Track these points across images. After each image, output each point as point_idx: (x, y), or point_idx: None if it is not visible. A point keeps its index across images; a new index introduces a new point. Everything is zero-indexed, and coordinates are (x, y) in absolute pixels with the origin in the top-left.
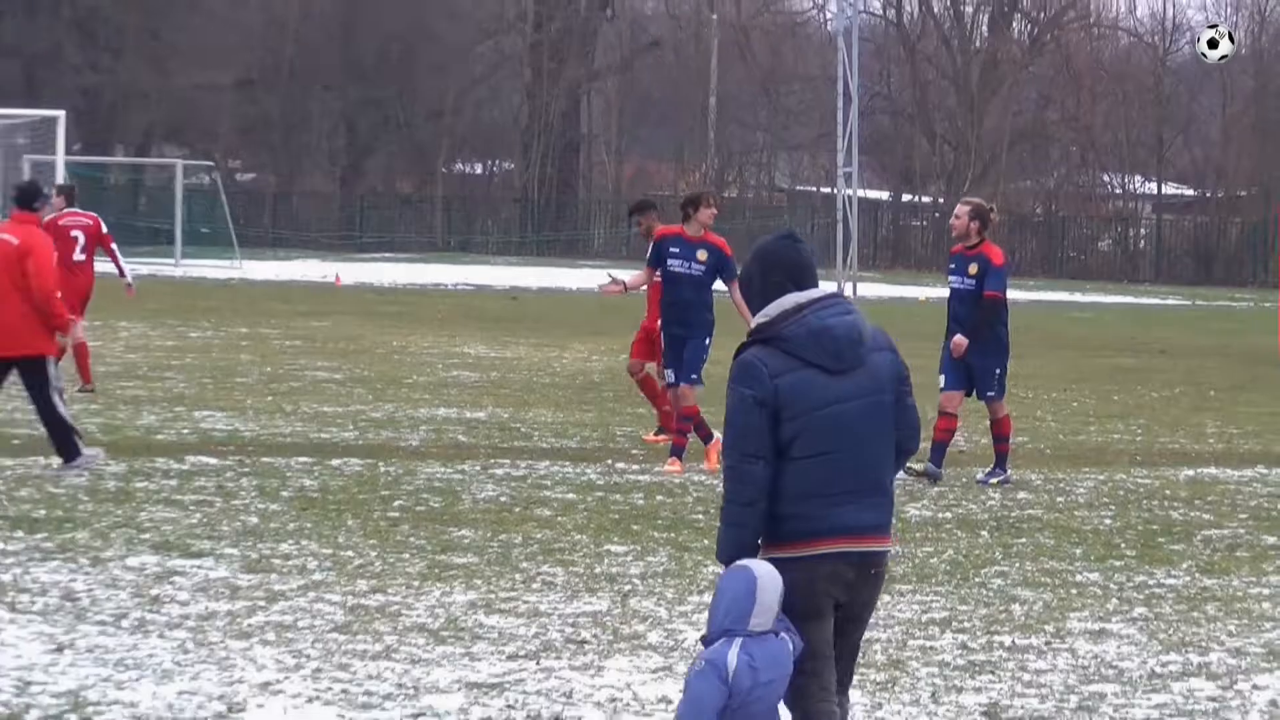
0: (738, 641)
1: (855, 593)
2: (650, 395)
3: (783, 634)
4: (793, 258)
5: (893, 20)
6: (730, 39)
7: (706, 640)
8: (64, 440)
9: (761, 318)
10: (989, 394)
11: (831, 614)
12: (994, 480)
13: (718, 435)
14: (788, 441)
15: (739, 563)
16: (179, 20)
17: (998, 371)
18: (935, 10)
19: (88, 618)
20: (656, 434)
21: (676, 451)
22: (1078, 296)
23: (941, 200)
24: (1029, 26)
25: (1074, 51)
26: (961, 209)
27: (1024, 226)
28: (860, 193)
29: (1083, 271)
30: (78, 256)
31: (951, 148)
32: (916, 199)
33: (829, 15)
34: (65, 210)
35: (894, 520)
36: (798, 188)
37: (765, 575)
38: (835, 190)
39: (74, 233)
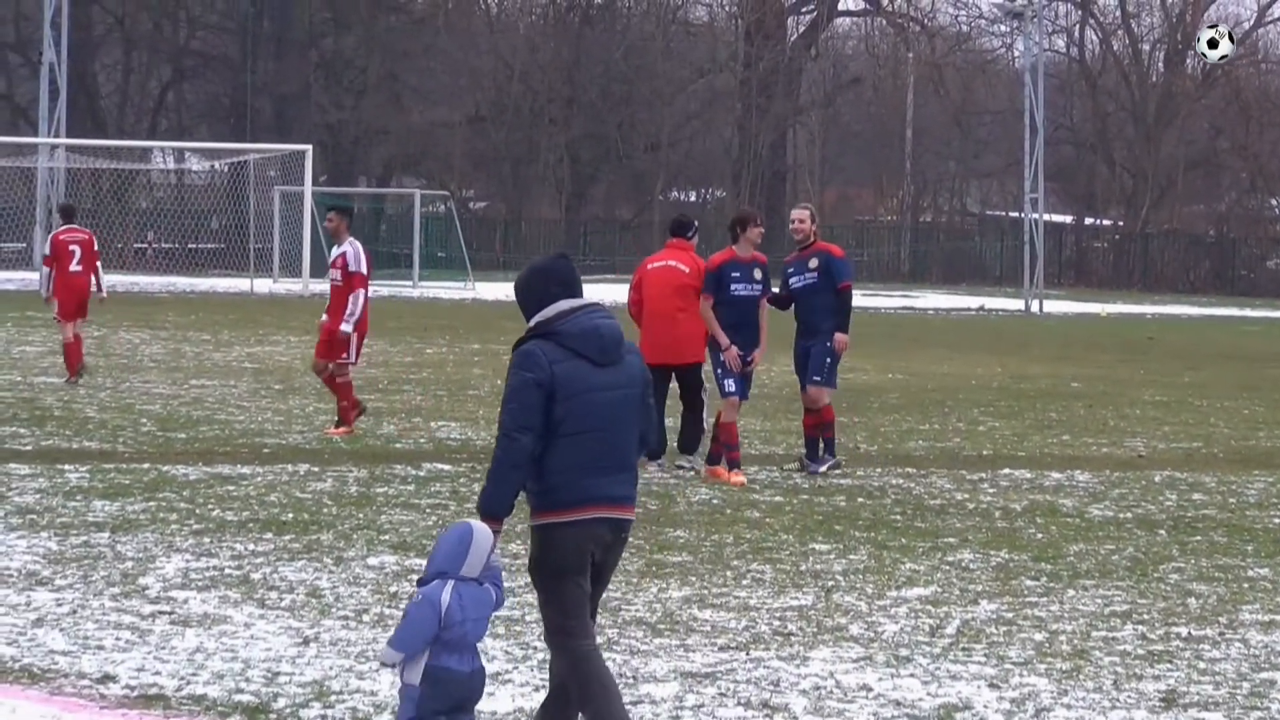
0: (451, 583)
1: (609, 552)
2: (332, 388)
3: (488, 584)
4: (566, 272)
5: (1075, 57)
6: (925, 75)
7: (422, 581)
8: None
9: (540, 317)
10: (815, 379)
11: (589, 569)
12: (824, 468)
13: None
14: (559, 420)
15: (462, 520)
16: (416, 62)
17: (828, 360)
18: (1115, 48)
19: (332, 613)
20: (335, 426)
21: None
22: (1248, 312)
23: (1121, 223)
24: (1201, 62)
25: (1243, 85)
26: (803, 213)
27: (1198, 246)
28: (1045, 216)
29: (1253, 288)
30: (74, 268)
31: (1130, 174)
32: (1097, 222)
33: (1017, 53)
34: (65, 227)
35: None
36: (987, 212)
37: (480, 532)
38: (1022, 214)
39: (71, 247)
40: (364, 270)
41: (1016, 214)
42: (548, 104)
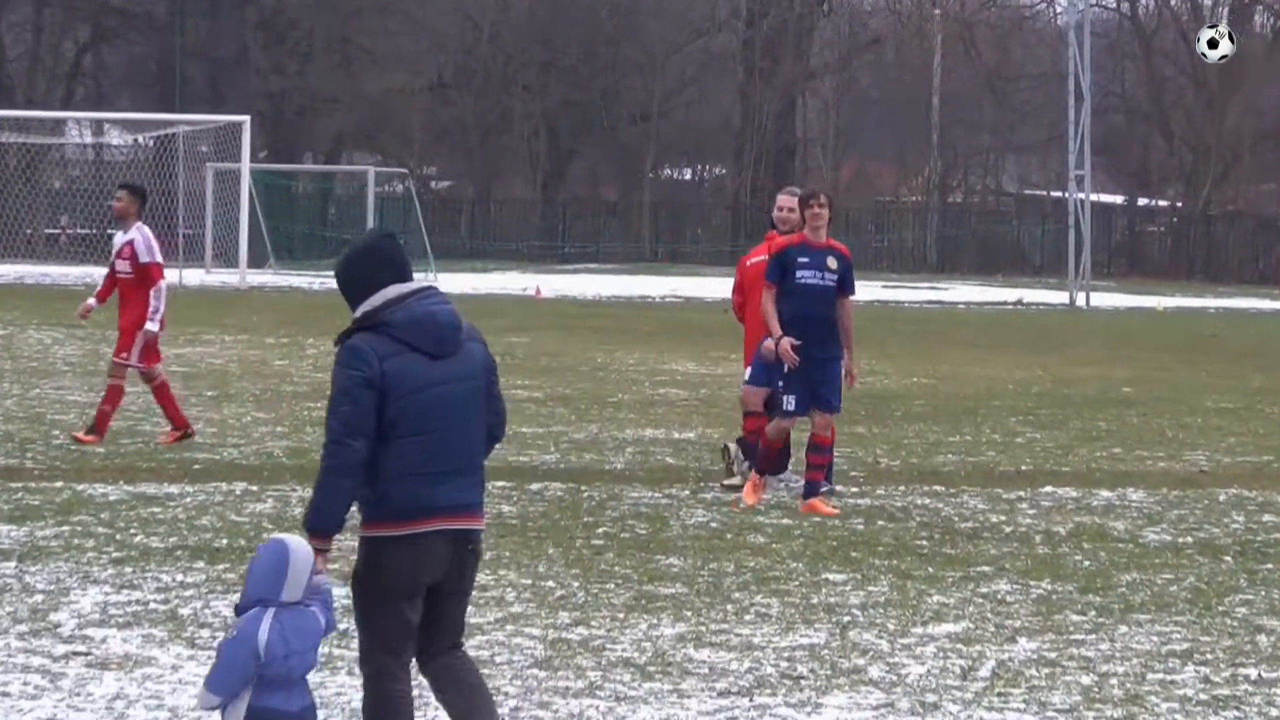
0: (270, 611)
1: (453, 568)
2: (162, 401)
3: (314, 608)
4: (395, 254)
5: (1126, 13)
6: (954, 34)
7: (239, 609)
8: None
9: (367, 306)
10: (835, 402)
11: (423, 594)
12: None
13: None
14: (391, 421)
15: (275, 536)
16: (369, 22)
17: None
18: (1172, 2)
19: None
20: (87, 433)
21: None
22: None
23: (1179, 204)
24: (1272, 19)
25: None
26: (791, 200)
27: (1268, 231)
28: (1093, 197)
29: None
30: None
31: (1190, 148)
32: (1153, 203)
33: (1059, 8)
34: None
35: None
36: (1026, 192)
37: (297, 549)
38: (1066, 194)
39: None
40: (159, 259)
41: (1059, 194)
42: (521, 68)
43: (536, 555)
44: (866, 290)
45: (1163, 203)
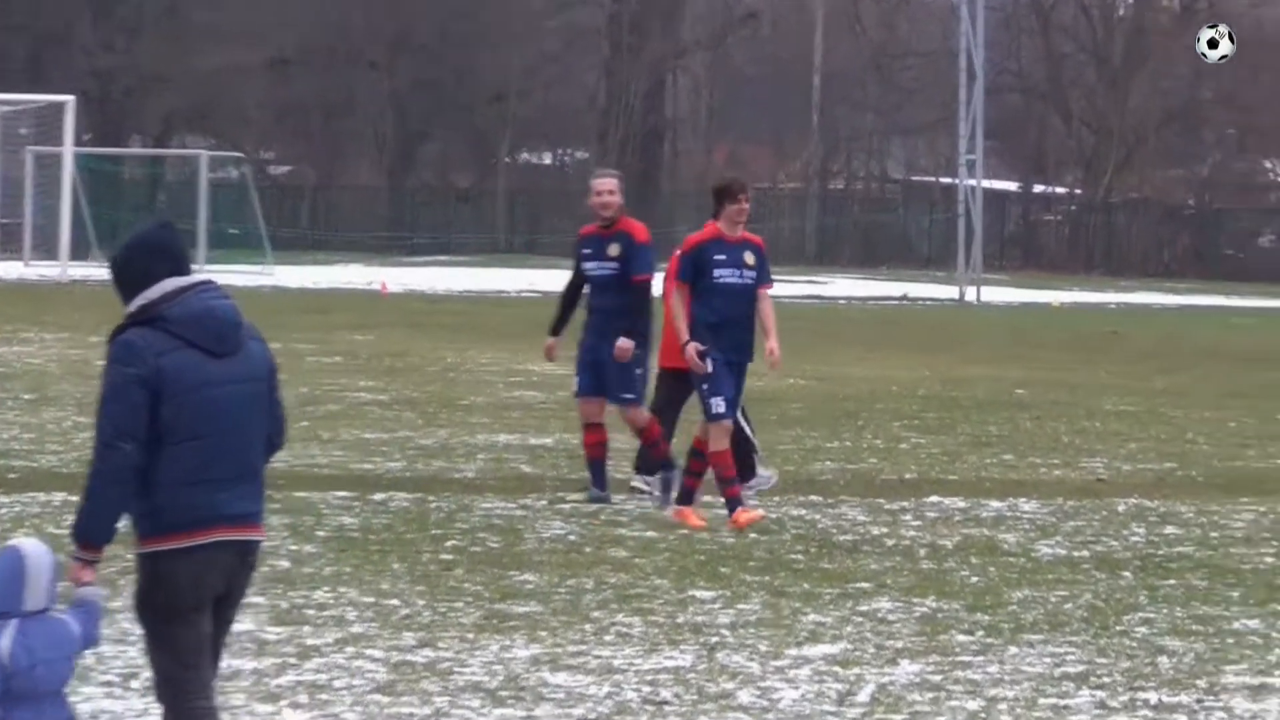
0: (13, 623)
1: (234, 580)
2: None
3: (66, 616)
4: (173, 244)
5: None
6: (837, 8)
7: None
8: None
9: (142, 300)
10: (625, 396)
11: (210, 606)
12: (652, 486)
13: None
14: (166, 423)
15: (9, 543)
16: None
17: (639, 371)
18: None
19: (92, 678)
20: None
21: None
22: (1235, 300)
23: (1078, 191)
24: None
25: (1233, 20)
26: (612, 183)
27: (1174, 220)
28: (985, 183)
29: (1241, 271)
30: None
31: (1091, 131)
32: (1050, 190)
33: None
34: None
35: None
36: (913, 178)
37: (34, 553)
38: (956, 181)
39: None
40: None
41: (949, 180)
42: (368, 44)
43: (380, 571)
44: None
45: (1060, 190)
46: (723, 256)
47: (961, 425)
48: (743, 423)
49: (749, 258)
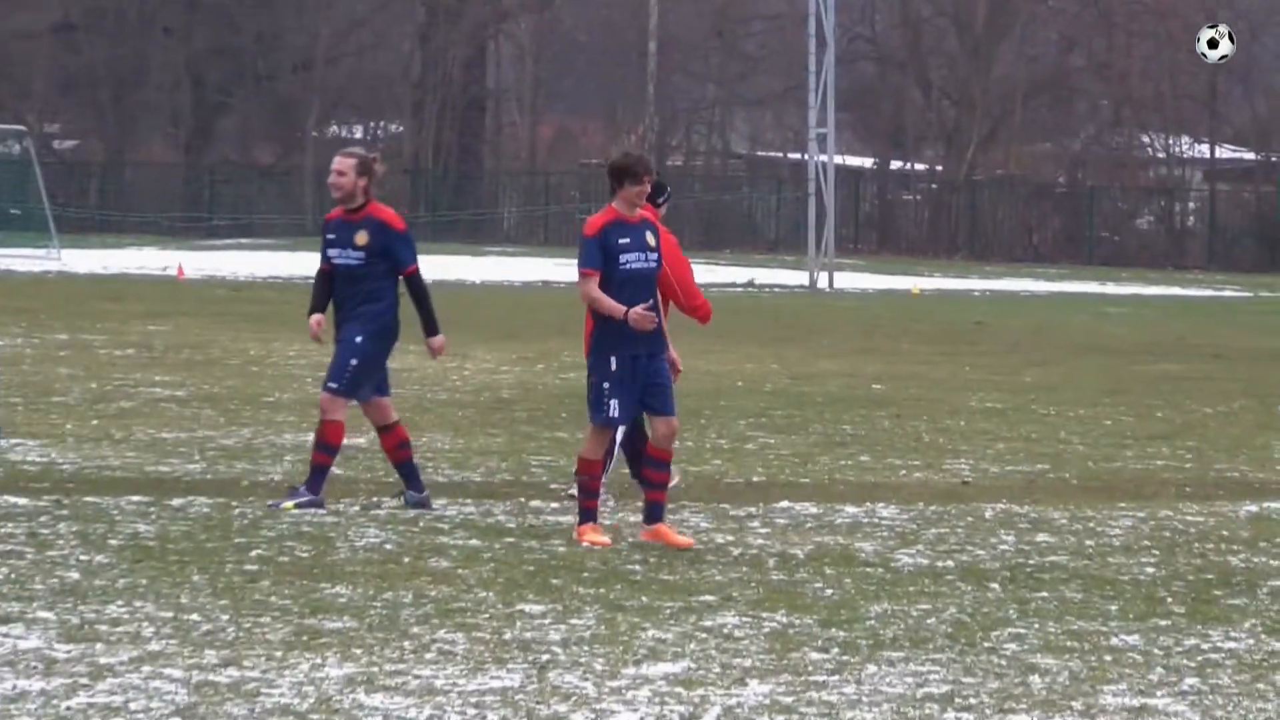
0: None
1: None
2: None
3: None
4: None
5: None
6: None
7: None
8: None
9: None
10: (330, 384)
11: None
12: (289, 503)
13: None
14: None
15: None
16: None
17: (354, 362)
18: None
19: None
20: None
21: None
22: (1111, 287)
23: (939, 168)
24: None
25: None
26: (346, 162)
27: (1043, 199)
28: (838, 159)
29: (1117, 256)
30: None
31: (952, 103)
32: (908, 167)
33: None
34: None
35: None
36: (759, 153)
37: None
38: (806, 156)
39: None
40: None
41: (798, 156)
42: (161, 7)
43: (179, 583)
44: (569, 270)
45: (920, 166)
46: (626, 240)
47: (814, 424)
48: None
49: (650, 238)
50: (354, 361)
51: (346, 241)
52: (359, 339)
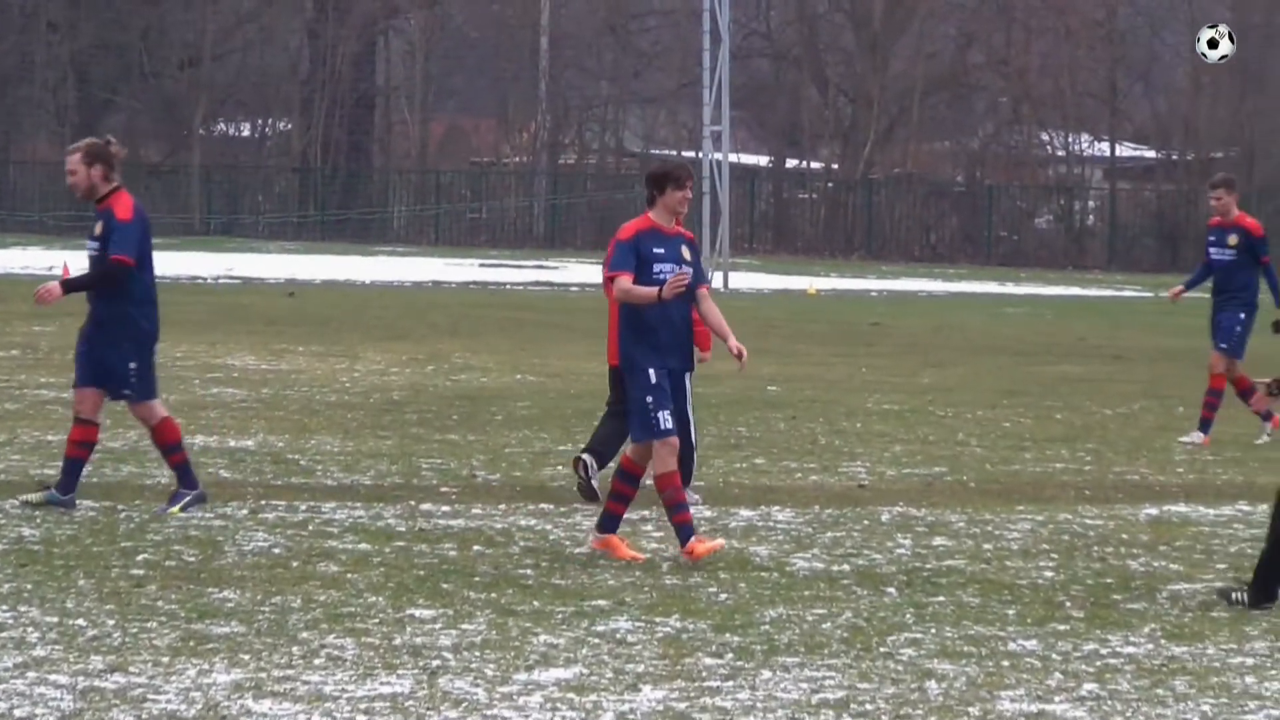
0: None
1: None
2: None
3: None
4: None
5: None
6: None
7: None
8: None
9: None
10: (124, 392)
11: None
12: (174, 508)
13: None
14: None
15: None
16: None
17: (133, 366)
18: None
19: None
20: None
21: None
22: (1010, 287)
23: (836, 167)
24: None
25: None
26: (73, 159)
27: (941, 198)
28: (733, 157)
29: (1016, 256)
30: None
31: (849, 100)
32: (804, 165)
33: None
34: None
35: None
36: (652, 151)
37: None
38: (701, 154)
39: None
40: None
41: (693, 154)
42: (45, 3)
43: (64, 588)
44: (461, 270)
45: (816, 165)
46: (661, 250)
47: (708, 425)
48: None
49: (686, 252)
50: (131, 365)
51: (91, 232)
52: (124, 347)
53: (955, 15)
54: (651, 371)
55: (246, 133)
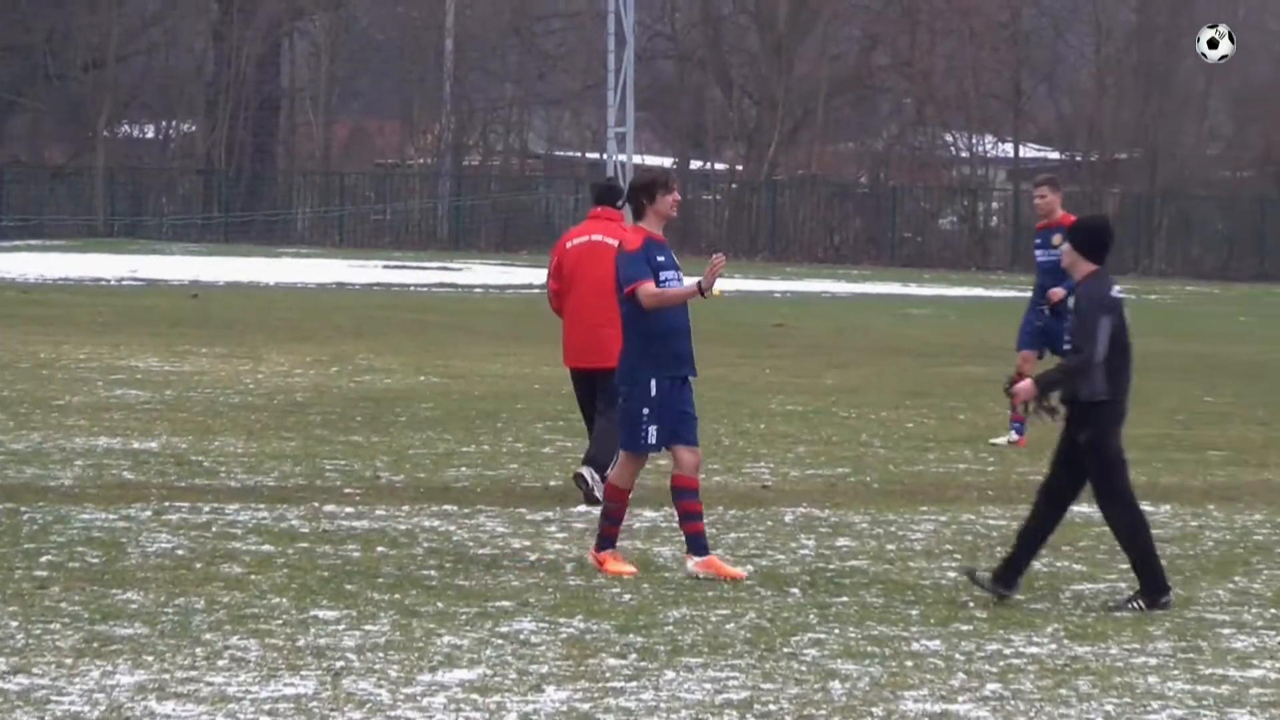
0: None
1: None
2: None
3: None
4: None
5: None
6: None
7: None
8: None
9: None
10: None
11: None
12: None
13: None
14: None
15: None
16: None
17: None
18: None
19: None
20: None
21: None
22: (914, 289)
23: (740, 168)
24: None
25: None
26: None
27: (846, 199)
28: (637, 158)
29: (920, 257)
30: None
31: (754, 101)
32: (709, 166)
33: None
34: None
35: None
36: (557, 153)
37: None
38: (605, 156)
39: None
40: None
41: (597, 155)
42: None
43: None
44: (365, 272)
45: (720, 166)
46: (663, 258)
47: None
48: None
49: (674, 258)
50: None
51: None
52: None
53: (860, 17)
54: (654, 383)
55: (151, 134)
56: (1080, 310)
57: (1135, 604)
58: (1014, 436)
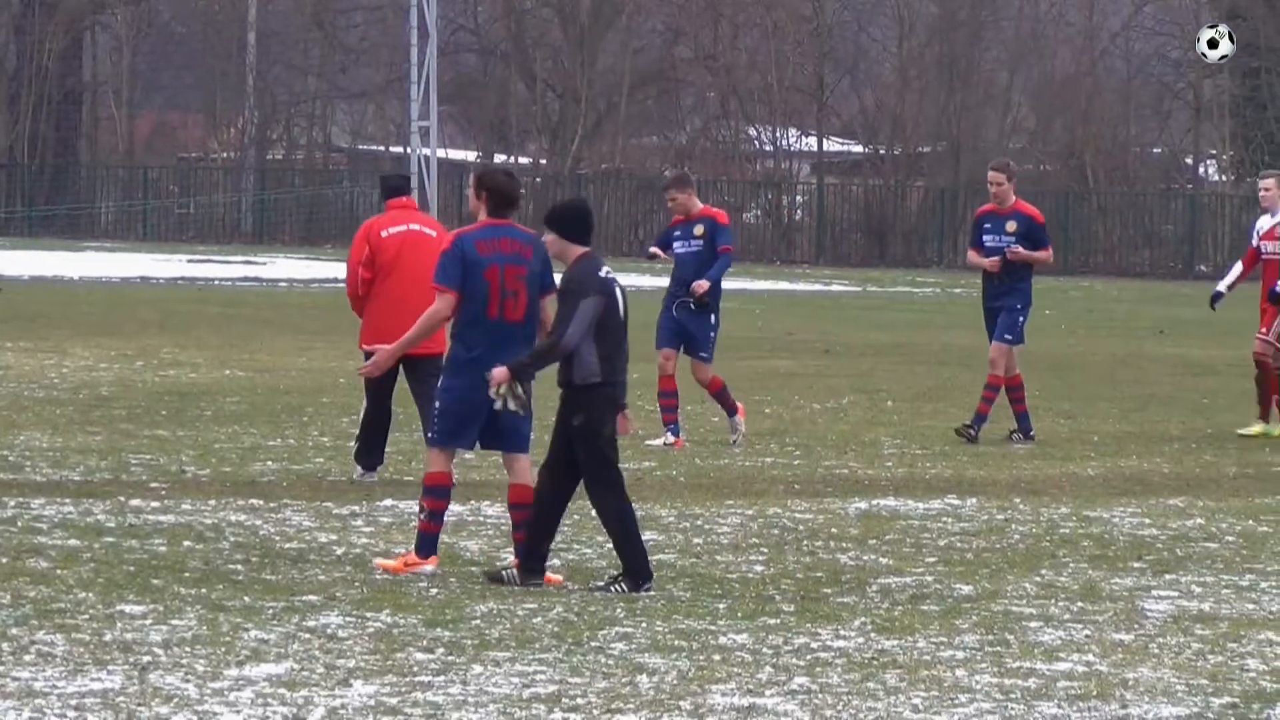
0: None
1: None
2: None
3: None
4: None
5: None
6: None
7: None
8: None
9: None
10: None
11: None
12: None
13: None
14: None
15: None
16: None
17: None
18: None
19: None
20: None
21: None
22: (728, 282)
23: (544, 162)
24: None
25: None
26: None
27: (650, 193)
28: (441, 152)
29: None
30: None
31: (557, 95)
32: (513, 159)
33: None
34: None
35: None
36: (360, 146)
37: None
38: (409, 150)
39: None
40: None
41: (401, 149)
42: None
43: None
44: (169, 266)
45: (525, 160)
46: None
47: (414, 422)
48: None
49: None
50: None
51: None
52: None
53: (662, 10)
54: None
55: None
56: (563, 292)
57: (618, 585)
58: (670, 439)
